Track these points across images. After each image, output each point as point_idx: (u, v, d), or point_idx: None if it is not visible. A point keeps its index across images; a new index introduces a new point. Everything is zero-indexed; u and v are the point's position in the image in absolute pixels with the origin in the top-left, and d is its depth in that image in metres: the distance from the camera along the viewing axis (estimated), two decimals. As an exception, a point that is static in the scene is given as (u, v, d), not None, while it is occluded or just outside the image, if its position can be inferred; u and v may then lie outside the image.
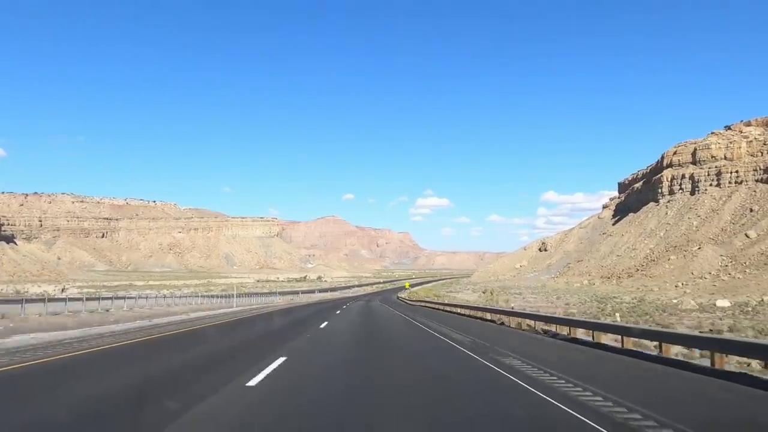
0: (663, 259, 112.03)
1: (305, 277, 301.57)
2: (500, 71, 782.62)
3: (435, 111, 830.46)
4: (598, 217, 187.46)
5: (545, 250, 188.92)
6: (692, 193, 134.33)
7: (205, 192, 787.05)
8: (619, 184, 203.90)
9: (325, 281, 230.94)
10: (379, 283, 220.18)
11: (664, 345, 13.70)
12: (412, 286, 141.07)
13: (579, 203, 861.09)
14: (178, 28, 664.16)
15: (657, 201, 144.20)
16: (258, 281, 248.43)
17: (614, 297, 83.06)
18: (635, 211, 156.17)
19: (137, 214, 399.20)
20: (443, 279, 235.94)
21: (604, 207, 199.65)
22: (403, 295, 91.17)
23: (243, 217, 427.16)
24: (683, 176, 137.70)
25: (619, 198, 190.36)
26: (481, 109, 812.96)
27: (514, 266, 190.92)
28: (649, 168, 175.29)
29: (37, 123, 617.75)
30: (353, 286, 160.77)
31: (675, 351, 14.14)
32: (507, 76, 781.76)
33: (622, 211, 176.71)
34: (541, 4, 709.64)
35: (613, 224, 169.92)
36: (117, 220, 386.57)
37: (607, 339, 16.83)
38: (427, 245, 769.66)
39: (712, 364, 11.57)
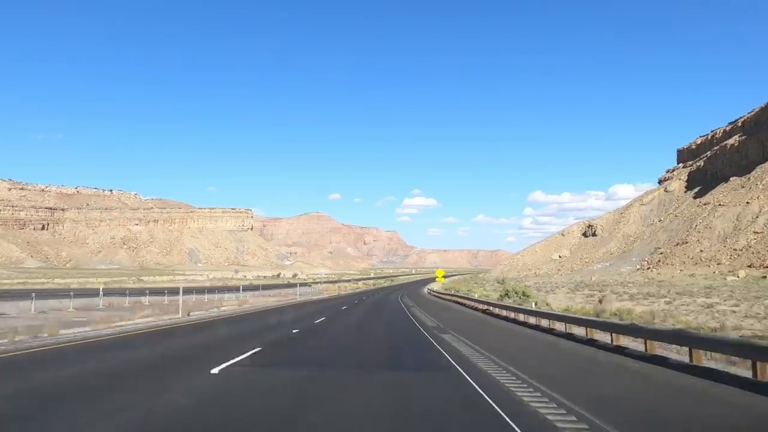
0: None
1: (279, 275, 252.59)
2: (489, 73, 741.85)
3: (423, 111, 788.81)
4: (665, 191, 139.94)
5: (593, 234, 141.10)
6: None
7: (190, 190, 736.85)
8: (681, 150, 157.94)
9: (299, 279, 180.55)
10: (369, 279, 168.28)
11: None
12: (423, 283, 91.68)
13: (566, 203, 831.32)
14: (166, 26, 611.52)
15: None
16: (220, 279, 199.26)
17: None
18: (740, 174, 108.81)
19: (88, 204, 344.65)
20: (451, 276, 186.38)
21: (662, 181, 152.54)
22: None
23: (212, 208, 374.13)
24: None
25: (688, 166, 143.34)
26: (470, 109, 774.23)
27: (550, 257, 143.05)
28: (742, 120, 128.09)
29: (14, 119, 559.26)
30: (309, 283, 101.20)
31: None
32: (495, 78, 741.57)
33: (701, 179, 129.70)
34: (530, 5, 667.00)
35: (696, 196, 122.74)
36: (63, 210, 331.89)
37: None
38: (414, 245, 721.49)
39: None
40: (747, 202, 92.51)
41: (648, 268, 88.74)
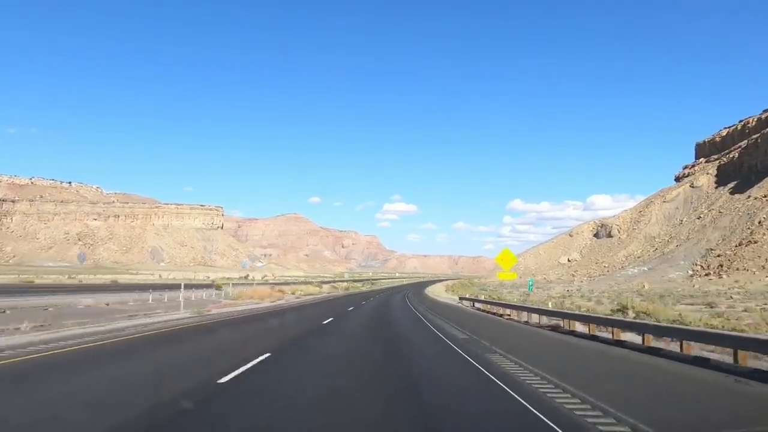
0: None
1: (247, 276, 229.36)
2: (470, 79, 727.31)
3: (405, 116, 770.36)
4: (691, 186, 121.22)
5: (608, 235, 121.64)
6: None
7: (168, 189, 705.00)
8: (701, 144, 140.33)
9: (267, 280, 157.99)
10: (342, 281, 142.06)
11: None
12: (421, 285, 70.53)
13: (544, 212, 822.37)
14: (155, 20, 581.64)
15: None
16: (183, 278, 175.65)
17: None
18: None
19: (41, 196, 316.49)
20: (440, 280, 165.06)
21: (680, 178, 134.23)
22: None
23: (179, 204, 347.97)
24: None
25: (713, 160, 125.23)
26: (451, 115, 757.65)
27: (557, 260, 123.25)
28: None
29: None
30: (219, 285, 61.60)
31: None
32: (478, 84, 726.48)
33: (734, 172, 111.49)
34: (516, 9, 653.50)
35: (734, 191, 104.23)
36: (12, 201, 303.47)
37: None
38: (393, 249, 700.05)
39: None
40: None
41: (707, 274, 69.50)
